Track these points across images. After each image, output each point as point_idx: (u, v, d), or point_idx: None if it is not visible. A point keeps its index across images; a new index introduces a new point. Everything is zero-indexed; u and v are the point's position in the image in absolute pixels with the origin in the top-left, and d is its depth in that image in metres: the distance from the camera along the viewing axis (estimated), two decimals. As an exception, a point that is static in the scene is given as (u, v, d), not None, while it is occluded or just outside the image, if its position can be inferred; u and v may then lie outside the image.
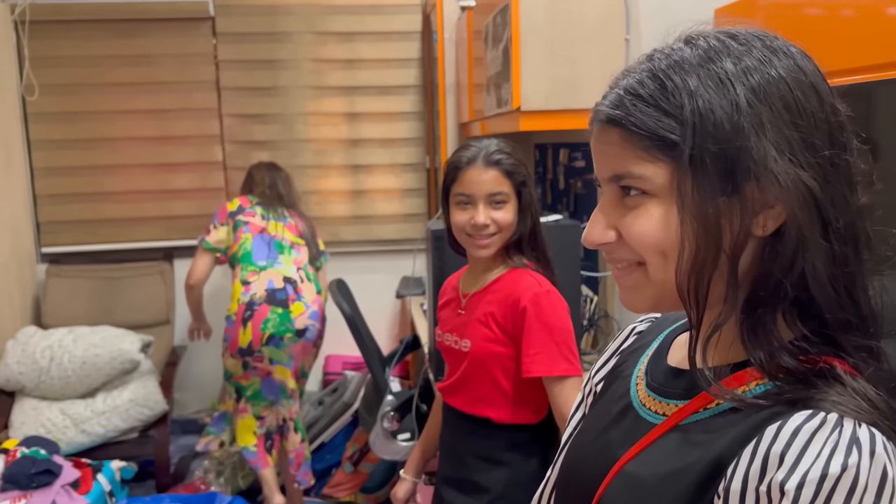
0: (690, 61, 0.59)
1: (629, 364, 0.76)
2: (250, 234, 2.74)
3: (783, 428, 0.53)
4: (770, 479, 0.51)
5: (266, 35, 3.51)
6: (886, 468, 0.50)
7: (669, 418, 0.63)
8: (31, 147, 3.47)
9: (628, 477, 0.63)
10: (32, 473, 2.46)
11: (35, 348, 2.98)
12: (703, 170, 0.57)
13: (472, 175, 1.42)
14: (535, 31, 2.06)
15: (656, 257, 0.61)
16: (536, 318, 1.37)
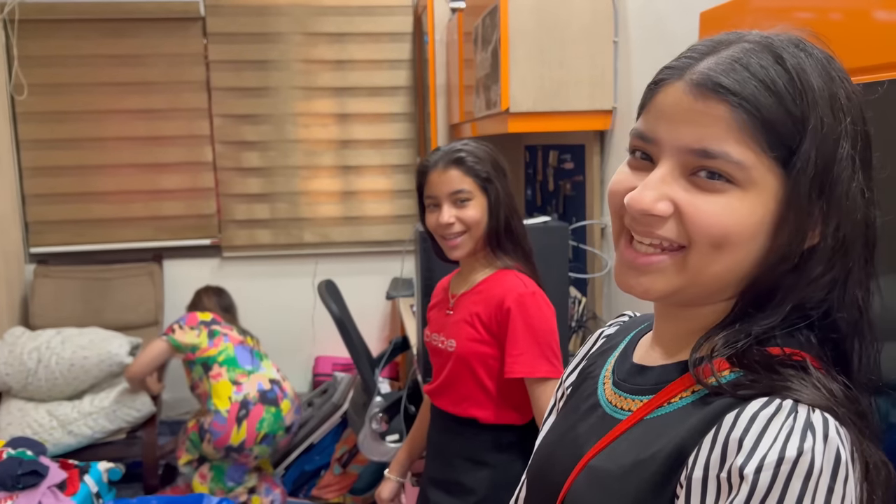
0: (812, 66, 0.57)
1: (597, 365, 0.76)
2: (230, 343, 2.74)
3: (741, 415, 0.54)
4: (730, 464, 0.52)
5: (256, 36, 3.50)
6: (839, 451, 0.51)
7: (634, 413, 0.64)
8: (20, 147, 3.45)
9: (594, 471, 0.64)
10: (19, 475, 2.44)
11: (22, 349, 2.96)
12: (809, 184, 0.56)
13: (435, 177, 1.44)
14: (524, 32, 2.07)
15: (709, 247, 0.58)
16: (520, 318, 1.38)
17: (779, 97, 0.56)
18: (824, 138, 0.56)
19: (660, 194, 0.58)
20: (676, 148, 0.58)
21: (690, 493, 0.54)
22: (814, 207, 0.57)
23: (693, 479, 0.54)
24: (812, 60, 0.57)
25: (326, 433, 3.03)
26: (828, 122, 0.56)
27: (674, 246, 0.59)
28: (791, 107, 0.56)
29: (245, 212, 3.61)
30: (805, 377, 0.56)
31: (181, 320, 2.78)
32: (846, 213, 0.57)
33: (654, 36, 1.93)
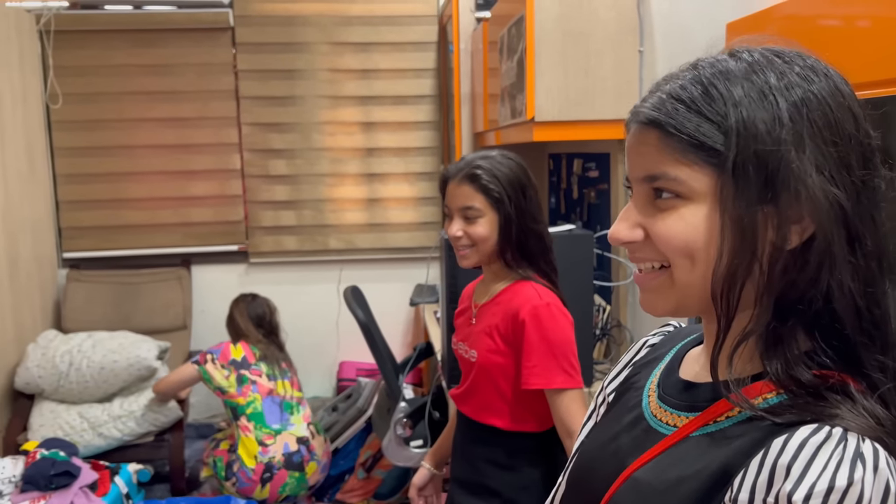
0: (735, 72, 0.60)
1: (642, 376, 0.77)
2: (259, 394, 2.74)
3: (790, 440, 0.54)
4: (777, 490, 0.52)
5: (284, 45, 3.56)
6: (889, 483, 0.51)
7: (680, 429, 0.65)
8: (54, 154, 3.54)
9: (637, 483, 0.65)
10: (52, 475, 2.50)
11: (55, 352, 3.03)
12: (744, 178, 0.58)
13: (451, 188, 1.48)
14: (550, 42, 2.09)
15: (683, 260, 0.62)
16: (535, 330, 1.39)
17: (697, 111, 0.60)
18: (747, 134, 0.58)
19: (631, 223, 0.65)
20: (637, 180, 0.65)
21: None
22: (755, 199, 0.58)
23: (739, 502, 0.55)
24: (741, 64, 0.60)
25: (351, 438, 3.06)
26: (755, 116, 0.58)
27: (658, 266, 0.64)
28: (711, 115, 0.59)
29: (272, 218, 3.66)
30: (852, 404, 0.56)
31: (215, 353, 2.78)
32: (805, 198, 0.58)
33: (678, 46, 1.94)
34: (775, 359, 0.60)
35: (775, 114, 0.58)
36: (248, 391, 2.73)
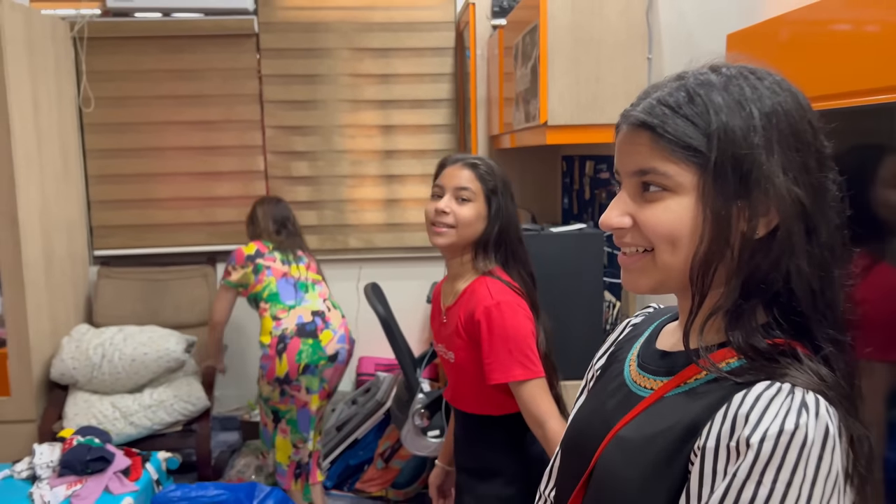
0: (716, 84, 0.70)
1: (624, 350, 0.88)
2: (273, 277, 2.88)
3: (748, 395, 0.64)
4: (738, 435, 0.63)
5: (307, 51, 3.69)
6: (828, 426, 0.62)
7: (656, 391, 0.76)
8: (87, 156, 3.69)
9: (621, 440, 0.75)
10: (88, 460, 2.63)
11: (88, 345, 3.17)
12: (722, 176, 0.69)
13: (449, 171, 1.60)
14: (562, 50, 2.19)
15: (666, 245, 0.71)
16: (488, 330, 1.49)
17: (684, 116, 0.70)
18: (726, 138, 0.68)
19: (620, 212, 0.74)
20: (626, 174, 0.75)
21: (704, 460, 0.65)
22: (731, 195, 0.69)
23: (706, 448, 0.65)
24: (720, 77, 0.71)
25: (370, 429, 3.17)
26: (733, 123, 0.68)
27: (642, 249, 0.74)
28: (695, 120, 0.69)
29: (294, 218, 3.79)
30: (799, 365, 0.67)
31: (231, 261, 2.94)
32: (773, 195, 0.68)
33: (684, 53, 2.04)
34: (737, 330, 0.70)
35: (749, 122, 0.69)
36: (264, 277, 2.89)
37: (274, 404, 2.88)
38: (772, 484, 0.60)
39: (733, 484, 0.62)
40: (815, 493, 0.60)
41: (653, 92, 0.75)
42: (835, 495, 0.62)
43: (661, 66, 2.18)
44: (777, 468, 0.60)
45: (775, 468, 0.60)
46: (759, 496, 0.60)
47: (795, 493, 0.60)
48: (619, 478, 0.73)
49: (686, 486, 0.66)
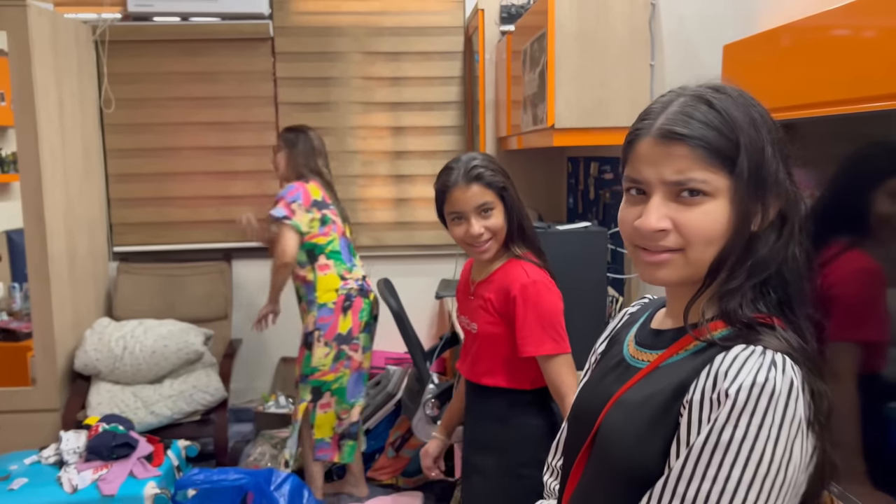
0: (731, 104, 0.81)
1: (622, 334, 1.01)
2: (337, 234, 2.96)
3: (727, 356, 0.77)
4: (718, 388, 0.75)
5: (320, 55, 3.80)
6: (793, 380, 0.74)
7: (652, 362, 0.88)
8: (107, 155, 3.81)
9: (621, 402, 0.87)
10: (113, 446, 2.76)
11: (110, 337, 3.29)
12: (748, 182, 0.80)
13: (458, 194, 1.64)
14: (569, 56, 2.30)
15: (703, 244, 0.81)
16: (524, 305, 1.61)
17: (717, 130, 0.80)
18: (752, 149, 0.80)
19: (660, 215, 0.82)
20: (661, 181, 0.82)
21: (691, 410, 0.77)
22: (754, 196, 0.80)
23: (693, 401, 0.77)
24: (730, 98, 0.82)
25: (381, 420, 3.29)
26: (752, 137, 0.80)
27: (674, 248, 0.83)
28: (727, 134, 0.80)
29: (306, 216, 3.90)
30: (773, 333, 0.79)
31: (297, 198, 2.83)
32: (781, 194, 0.81)
33: (685, 61, 2.15)
34: (731, 305, 0.82)
35: (760, 134, 0.81)
36: (330, 231, 2.93)
37: (320, 376, 2.91)
38: (746, 427, 0.72)
39: (714, 427, 0.74)
40: (782, 435, 0.72)
41: (665, 107, 0.84)
42: (798, 437, 0.73)
43: (662, 73, 2.29)
44: (751, 413, 0.72)
45: (749, 413, 0.72)
46: (736, 437, 0.72)
47: (766, 434, 0.72)
48: (619, 434, 0.85)
49: (676, 434, 0.78)
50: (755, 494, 0.72)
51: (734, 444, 0.72)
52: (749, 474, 0.72)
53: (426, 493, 3.13)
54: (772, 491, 0.72)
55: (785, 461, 0.72)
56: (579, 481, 0.95)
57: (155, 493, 2.66)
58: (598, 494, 0.89)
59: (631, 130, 0.87)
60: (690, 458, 0.75)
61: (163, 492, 2.66)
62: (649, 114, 0.85)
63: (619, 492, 0.83)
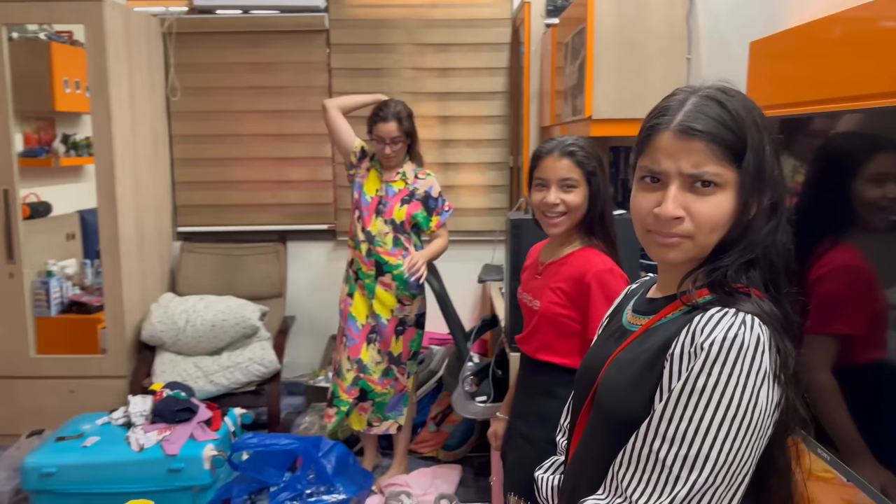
0: (738, 105, 0.92)
1: (623, 305, 1.13)
2: None
3: (704, 316, 0.88)
4: (695, 342, 0.87)
5: (373, 46, 3.96)
6: (759, 336, 0.85)
7: (644, 325, 1.00)
8: (173, 140, 4.05)
9: (617, 360, 1.00)
10: (176, 410, 2.98)
11: (174, 311, 3.53)
12: (753, 176, 0.91)
13: (549, 162, 1.74)
14: (607, 50, 2.39)
15: (709, 231, 0.92)
16: (600, 291, 1.69)
17: (728, 128, 0.91)
18: (757, 147, 0.91)
19: (677, 204, 0.92)
20: (678, 172, 0.92)
21: (672, 362, 0.89)
22: (756, 189, 0.92)
23: (674, 355, 0.89)
24: (736, 100, 0.93)
25: (423, 395, 3.45)
26: (756, 136, 0.91)
27: (684, 233, 0.94)
28: (737, 132, 0.91)
29: (357, 201, 4.07)
30: (748, 299, 0.91)
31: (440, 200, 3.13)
32: (774, 187, 0.93)
33: (720, 55, 2.22)
34: (716, 276, 0.94)
35: (764, 139, 0.92)
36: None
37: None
38: (718, 375, 0.84)
39: (690, 375, 0.86)
40: (749, 382, 0.84)
41: (682, 104, 0.93)
42: (764, 386, 0.85)
43: (698, 66, 2.36)
44: (722, 363, 0.84)
45: (720, 363, 0.84)
46: (709, 384, 0.84)
47: (734, 382, 0.84)
48: (612, 387, 0.98)
49: (660, 383, 0.91)
50: (724, 433, 0.84)
51: (707, 389, 0.84)
52: (720, 416, 0.84)
53: (465, 467, 3.28)
54: (739, 430, 0.84)
55: (751, 406, 0.84)
56: (582, 434, 1.07)
57: (213, 455, 2.87)
58: (596, 442, 1.02)
59: (648, 124, 0.97)
60: (670, 402, 0.87)
61: (220, 454, 2.88)
62: (667, 110, 0.94)
63: (613, 437, 0.96)
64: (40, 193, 3.97)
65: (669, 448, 0.86)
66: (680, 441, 0.85)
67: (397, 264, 3.01)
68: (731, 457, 0.84)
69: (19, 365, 3.47)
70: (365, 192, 3.05)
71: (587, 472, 1.02)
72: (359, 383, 3.07)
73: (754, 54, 1.75)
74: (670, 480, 0.86)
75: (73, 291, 4.05)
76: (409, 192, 3.05)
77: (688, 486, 0.85)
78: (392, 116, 2.96)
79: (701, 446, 0.84)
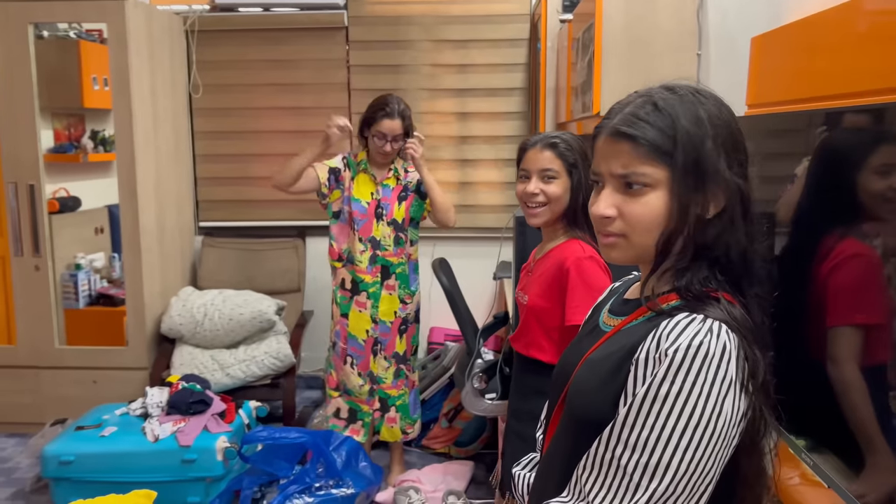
0: (676, 100, 0.91)
1: (602, 305, 1.12)
2: None
3: (671, 321, 0.87)
4: (660, 348, 0.85)
5: (391, 43, 3.97)
6: (726, 344, 0.83)
7: (616, 327, 0.99)
8: (195, 137, 4.12)
9: (588, 361, 0.99)
10: (190, 402, 3.04)
11: (192, 305, 3.60)
12: (686, 173, 0.90)
13: (532, 154, 1.79)
14: (615, 46, 2.36)
15: (643, 231, 0.91)
16: (577, 277, 1.70)
17: (658, 128, 0.90)
18: (688, 144, 0.89)
19: (608, 204, 0.93)
20: (610, 174, 0.93)
21: (637, 367, 0.88)
22: (693, 186, 0.90)
23: (639, 359, 0.88)
24: (677, 97, 0.92)
25: (435, 392, 3.46)
26: (691, 132, 0.89)
27: (619, 233, 0.94)
28: (666, 131, 0.90)
29: (375, 197, 4.10)
30: (717, 305, 0.89)
31: None
32: (723, 186, 0.90)
33: (729, 51, 2.18)
34: (682, 280, 0.93)
35: (703, 129, 0.90)
36: None
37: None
38: (681, 383, 0.82)
39: (653, 382, 0.84)
40: (713, 392, 0.82)
41: (625, 107, 0.94)
42: (729, 395, 0.83)
43: (709, 63, 2.32)
44: (686, 371, 0.83)
45: (684, 371, 0.83)
46: (672, 391, 0.83)
47: (697, 390, 0.82)
48: (583, 386, 0.97)
49: (625, 387, 0.89)
50: (686, 441, 0.82)
51: (670, 397, 0.83)
52: (682, 424, 0.82)
53: (476, 464, 3.29)
54: (701, 440, 0.82)
55: (715, 415, 0.82)
56: (554, 433, 1.07)
57: (226, 447, 2.93)
58: (565, 441, 1.01)
59: (595, 127, 0.98)
60: (633, 407, 0.86)
61: (232, 445, 2.93)
62: (610, 113, 0.96)
63: (580, 438, 0.95)
64: (70, 188, 4.08)
65: (631, 455, 0.85)
66: (641, 448, 0.84)
67: (399, 262, 3.04)
68: (692, 466, 0.83)
69: (44, 355, 3.58)
70: (358, 200, 2.99)
71: (555, 471, 1.02)
72: (375, 394, 3.08)
73: (756, 49, 1.72)
74: (630, 487, 0.85)
75: (101, 284, 4.16)
76: (403, 187, 3.05)
77: (647, 494, 0.84)
78: (397, 114, 2.95)
79: (662, 454, 0.83)
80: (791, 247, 1.40)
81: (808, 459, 1.23)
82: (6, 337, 3.96)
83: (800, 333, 1.29)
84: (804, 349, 1.28)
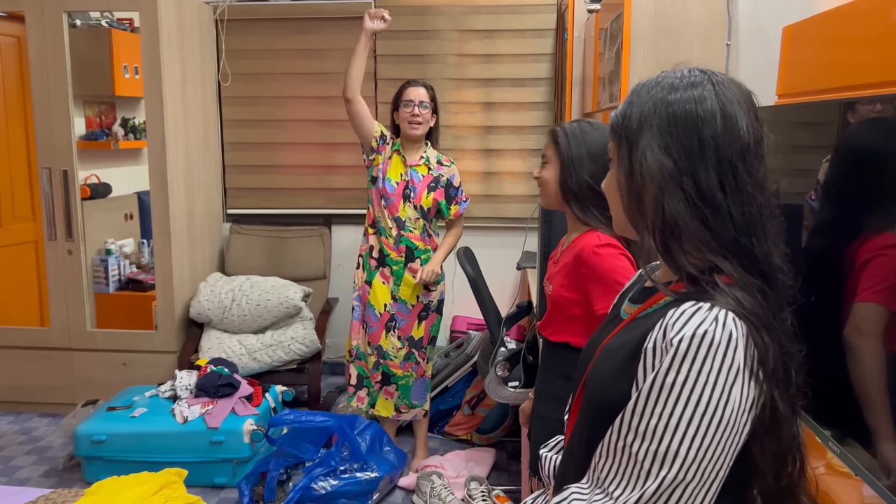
0: (639, 89, 0.96)
1: (627, 292, 1.14)
2: None
3: (677, 311, 0.88)
4: (666, 338, 0.87)
5: (417, 32, 3.99)
6: (732, 332, 0.84)
7: (631, 315, 1.01)
8: (223, 125, 4.17)
9: (605, 349, 1.01)
10: (218, 385, 3.10)
11: (221, 290, 3.66)
12: (622, 151, 0.95)
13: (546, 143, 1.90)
14: (644, 36, 2.36)
15: (615, 207, 1.00)
16: (593, 267, 1.72)
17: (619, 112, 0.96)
18: (626, 126, 0.94)
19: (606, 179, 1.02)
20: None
21: (646, 356, 0.89)
22: (628, 162, 0.94)
23: (647, 349, 0.89)
24: (650, 81, 0.96)
25: (458, 379, 3.49)
26: (628, 112, 0.95)
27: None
28: (620, 114, 0.96)
29: (400, 186, 4.13)
30: (723, 292, 0.89)
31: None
32: (648, 167, 0.92)
33: (758, 40, 2.18)
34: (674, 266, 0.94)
35: (640, 110, 0.93)
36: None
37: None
38: (687, 372, 0.84)
39: (660, 372, 0.86)
40: (719, 380, 0.83)
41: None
42: (737, 383, 0.84)
43: (738, 53, 2.31)
44: (691, 360, 0.84)
45: (690, 360, 0.84)
46: (678, 380, 0.84)
47: (703, 379, 0.83)
48: (599, 374, 0.99)
49: (635, 376, 0.91)
50: (693, 430, 0.83)
51: (676, 386, 0.84)
52: (689, 413, 0.83)
53: (499, 451, 3.32)
54: (709, 428, 0.83)
55: (722, 403, 0.83)
56: (577, 418, 1.09)
57: (252, 430, 2.98)
58: (585, 427, 1.03)
59: None
60: (641, 397, 0.87)
61: (259, 428, 2.98)
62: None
63: (597, 425, 0.97)
64: (101, 175, 4.16)
65: (641, 443, 0.86)
66: (651, 436, 0.85)
67: (426, 249, 3.07)
68: (701, 453, 0.84)
69: (77, 338, 3.66)
70: (389, 179, 3.08)
71: (575, 456, 1.04)
72: (380, 368, 3.12)
73: (787, 39, 1.71)
74: (642, 475, 0.86)
75: (131, 269, 4.24)
76: (434, 179, 3.08)
77: (657, 482, 0.85)
78: (421, 83, 3.12)
79: (671, 442, 0.84)
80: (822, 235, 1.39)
81: (834, 448, 1.24)
82: (39, 319, 4.06)
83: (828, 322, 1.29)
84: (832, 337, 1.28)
